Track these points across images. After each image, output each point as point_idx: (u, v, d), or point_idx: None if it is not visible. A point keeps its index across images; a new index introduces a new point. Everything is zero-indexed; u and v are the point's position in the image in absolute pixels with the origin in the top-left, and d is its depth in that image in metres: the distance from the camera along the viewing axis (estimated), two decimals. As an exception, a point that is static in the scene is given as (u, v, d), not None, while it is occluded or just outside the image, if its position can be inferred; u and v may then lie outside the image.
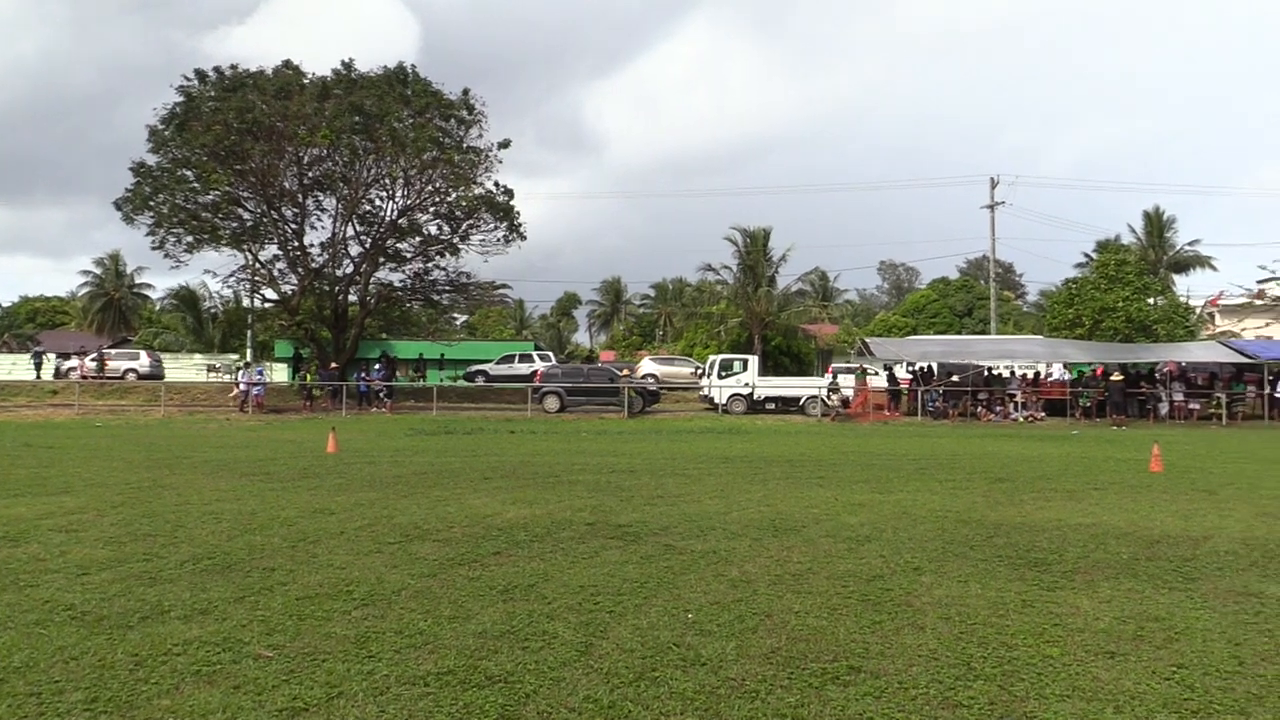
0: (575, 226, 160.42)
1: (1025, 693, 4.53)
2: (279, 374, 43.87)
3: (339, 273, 39.35)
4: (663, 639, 5.33)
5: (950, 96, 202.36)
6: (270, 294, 40.67)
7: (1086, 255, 55.59)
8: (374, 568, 7.10)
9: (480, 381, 41.98)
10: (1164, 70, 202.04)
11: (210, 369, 45.52)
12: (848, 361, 43.23)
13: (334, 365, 36.89)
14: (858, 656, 5.05)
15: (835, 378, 37.14)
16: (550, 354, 49.53)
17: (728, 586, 6.61)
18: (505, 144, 38.06)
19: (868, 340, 40.72)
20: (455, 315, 54.14)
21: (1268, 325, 52.13)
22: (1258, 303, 50.30)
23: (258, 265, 38.98)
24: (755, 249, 48.71)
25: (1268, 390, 32.96)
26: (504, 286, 67.87)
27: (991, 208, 49.01)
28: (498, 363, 43.23)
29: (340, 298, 39.45)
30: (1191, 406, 32.74)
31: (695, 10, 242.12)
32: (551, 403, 33.96)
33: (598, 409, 33.89)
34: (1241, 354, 34.01)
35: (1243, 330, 51.07)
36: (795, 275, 53.93)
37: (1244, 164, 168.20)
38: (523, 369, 41.22)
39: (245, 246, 37.68)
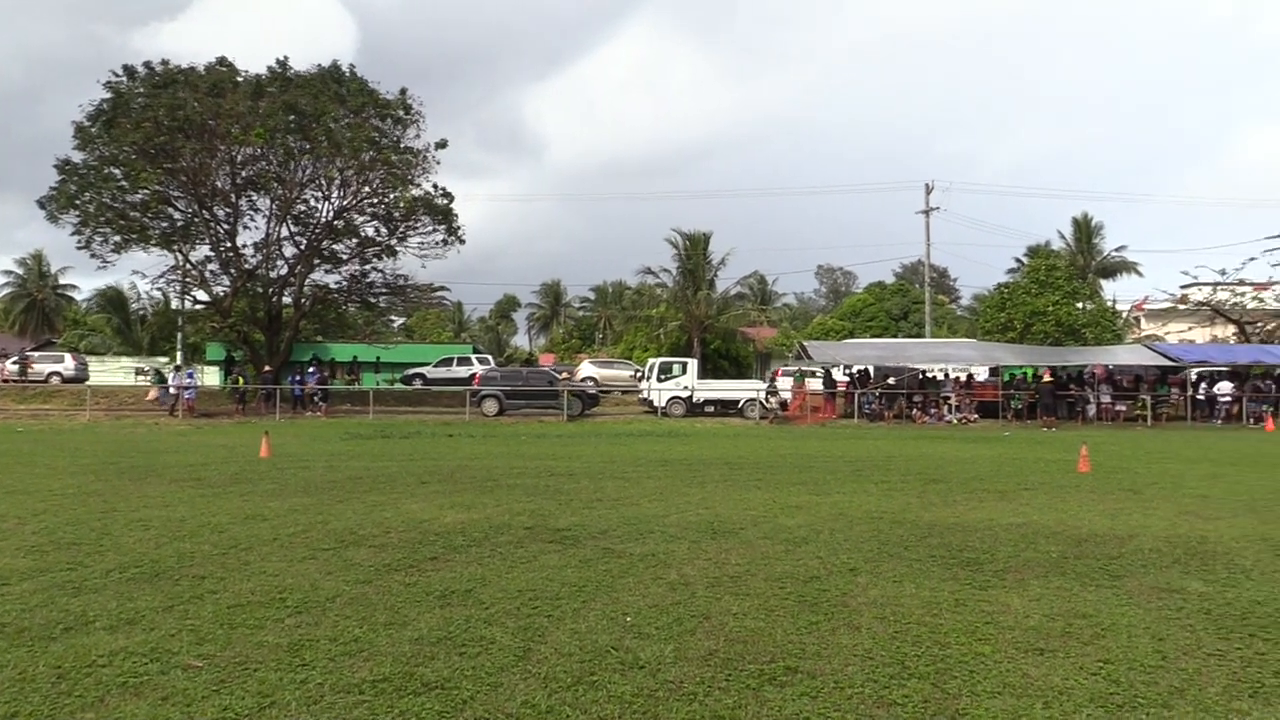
0: (515, 229, 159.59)
1: (958, 690, 4.62)
2: (210, 377, 42.95)
3: (273, 274, 38.64)
4: (601, 642, 5.32)
5: (887, 103, 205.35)
6: (201, 295, 39.78)
7: (1018, 260, 56.78)
8: (308, 574, 6.99)
9: (418, 385, 41.60)
10: (1092, 81, 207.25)
11: (139, 372, 44.40)
12: (786, 364, 43.61)
13: (268, 368, 36.24)
14: (794, 657, 5.10)
15: (775, 381, 37.44)
16: (489, 357, 49.29)
17: (666, 589, 6.62)
18: (442, 144, 37.72)
19: (805, 343, 41.10)
20: (392, 318, 53.54)
21: (1190, 329, 53.68)
22: (1181, 307, 51.71)
23: (188, 266, 38.10)
24: (695, 252, 48.93)
25: (1190, 392, 33.95)
26: (442, 289, 67.18)
27: (927, 213, 49.75)
28: (435, 366, 42.87)
29: (274, 299, 38.76)
30: (1118, 408, 33.60)
31: (636, 13, 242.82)
32: (490, 406, 33.75)
33: (537, 412, 33.75)
34: (1166, 357, 35.00)
35: (1167, 334, 52.57)
36: (734, 279, 54.08)
37: (1167, 173, 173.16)
38: (461, 372, 40.93)
39: (175, 247, 36.82)
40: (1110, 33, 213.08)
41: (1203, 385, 34.06)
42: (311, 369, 36.90)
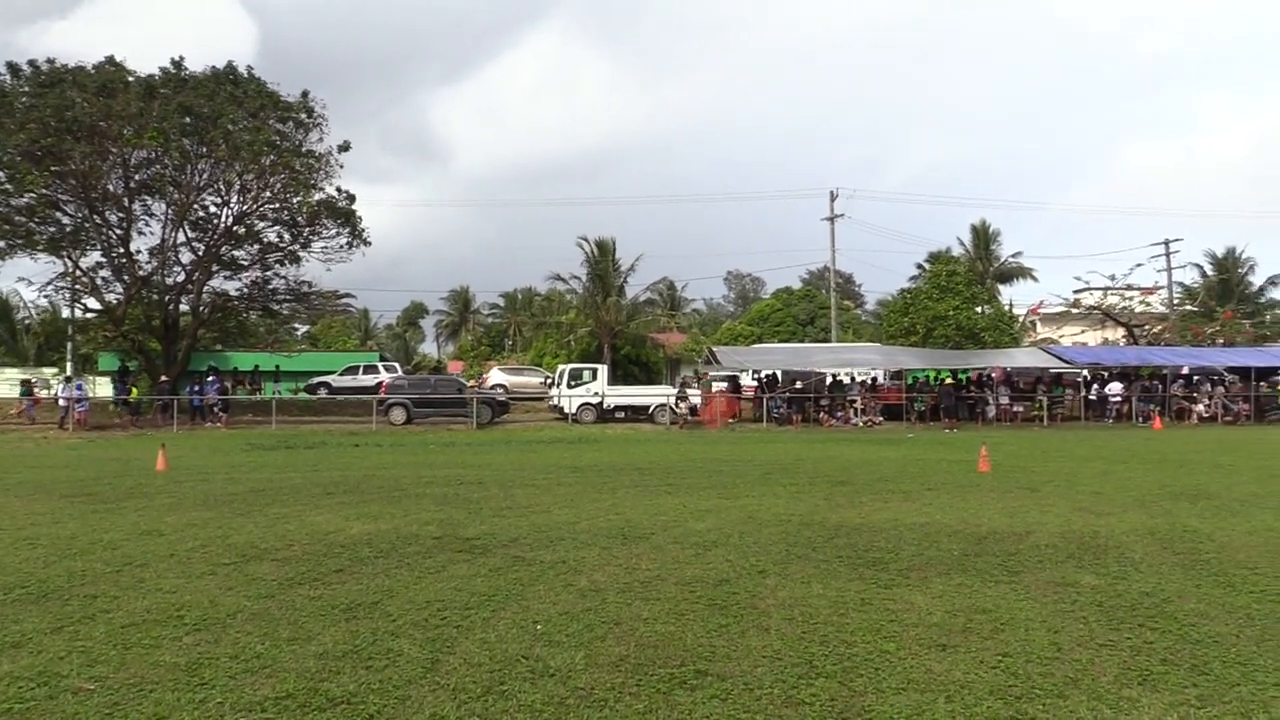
0: (422, 235, 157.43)
1: (864, 687, 4.70)
2: (103, 388, 41.35)
3: (169, 281, 37.43)
4: (511, 651, 5.28)
5: (792, 111, 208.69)
6: (93, 303, 38.28)
7: (920, 266, 58.11)
8: (207, 591, 6.78)
9: (322, 394, 40.75)
10: (988, 93, 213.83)
11: (25, 384, 42.52)
12: (696, 370, 43.96)
13: (164, 378, 35.08)
14: (704, 660, 5.13)
15: (684, 386, 37.67)
16: (396, 365, 48.56)
17: (577, 596, 6.60)
18: (345, 147, 37.07)
19: (714, 349, 41.50)
20: (296, 325, 52.34)
21: (1083, 332, 55.73)
22: (1074, 311, 53.68)
23: (79, 273, 36.66)
24: (604, 259, 48.96)
25: (1084, 393, 35.21)
26: (348, 296, 65.88)
27: (831, 220, 50.65)
28: (341, 374, 42.05)
29: (171, 307, 37.52)
30: (1016, 409, 34.65)
31: (544, 19, 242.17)
32: (398, 414, 33.24)
33: (446, 420, 33.37)
34: (1060, 359, 36.29)
35: (1061, 337, 54.38)
36: (644, 285, 54.17)
37: (1059, 182, 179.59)
38: (367, 380, 40.21)
39: (64, 253, 35.38)
40: (1004, 47, 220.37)
41: (1095, 386, 35.36)
42: (211, 378, 35.83)
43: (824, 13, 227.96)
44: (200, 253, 37.25)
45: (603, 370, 36.87)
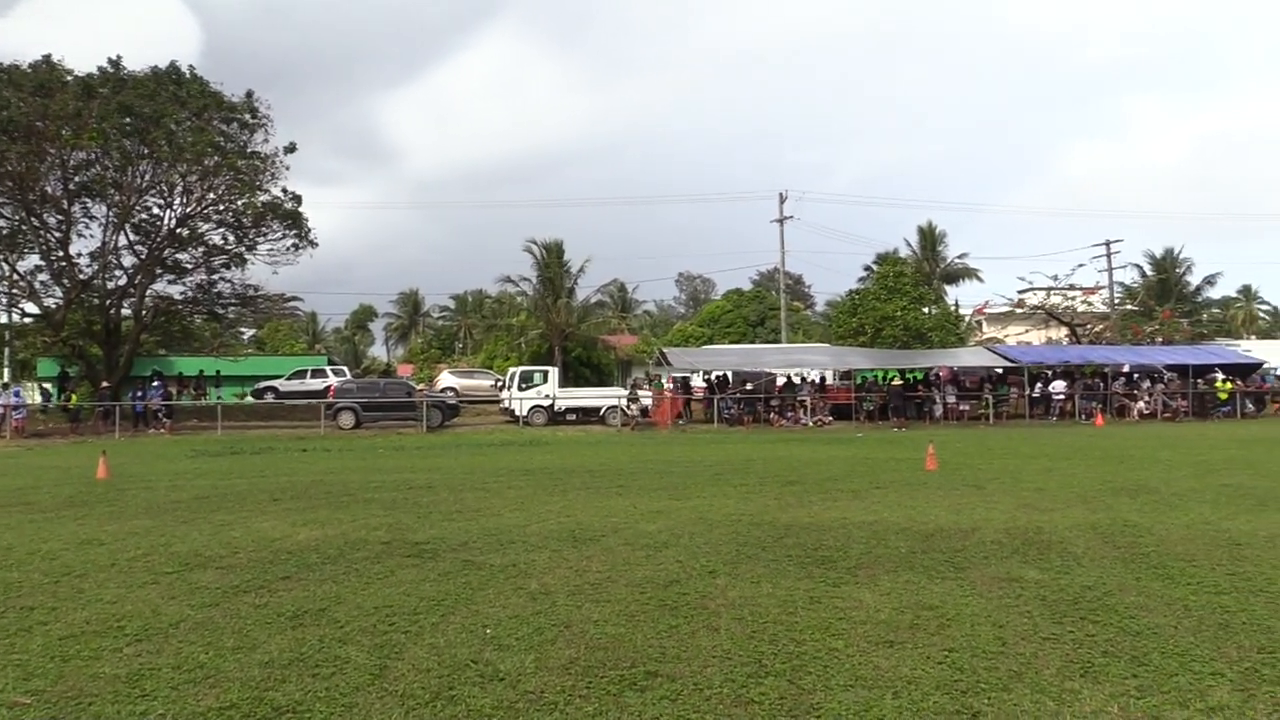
0: (371, 237, 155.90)
1: (812, 685, 4.73)
2: (32, 396, 40.35)
3: (110, 285, 36.69)
4: (460, 656, 5.25)
5: (742, 112, 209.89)
6: (31, 308, 37.38)
7: (868, 268, 58.71)
8: (149, 600, 6.65)
9: (270, 398, 40.24)
10: (934, 96, 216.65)
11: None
12: (648, 371, 44.03)
13: (106, 384, 34.35)
14: (655, 661, 5.13)
15: (635, 387, 37.71)
16: (345, 368, 48.09)
17: (527, 599, 6.58)
18: (291, 148, 36.60)
19: (665, 350, 41.60)
20: (242, 329, 51.62)
21: (1027, 331, 56.69)
22: (1018, 311, 54.61)
23: (15, 277, 35.83)
24: (554, 261, 48.85)
25: (1028, 391, 35.81)
26: (295, 299, 65.40)
27: (781, 221, 51.01)
28: (288, 378, 41.54)
29: (112, 312, 36.78)
30: (962, 408, 35.16)
31: (493, 21, 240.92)
32: (346, 419, 32.88)
33: (395, 424, 33.06)
34: (1005, 358, 36.89)
35: (1006, 336, 55.31)
36: (595, 287, 54.17)
37: (1004, 184, 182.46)
38: (315, 384, 39.79)
39: (1, 256, 34.59)
40: (950, 50, 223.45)
41: (1039, 384, 35.97)
42: (155, 384, 35.20)
43: (774, 16, 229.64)
44: (143, 256, 36.55)
45: (554, 372, 36.81)
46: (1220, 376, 35.85)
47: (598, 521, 10.18)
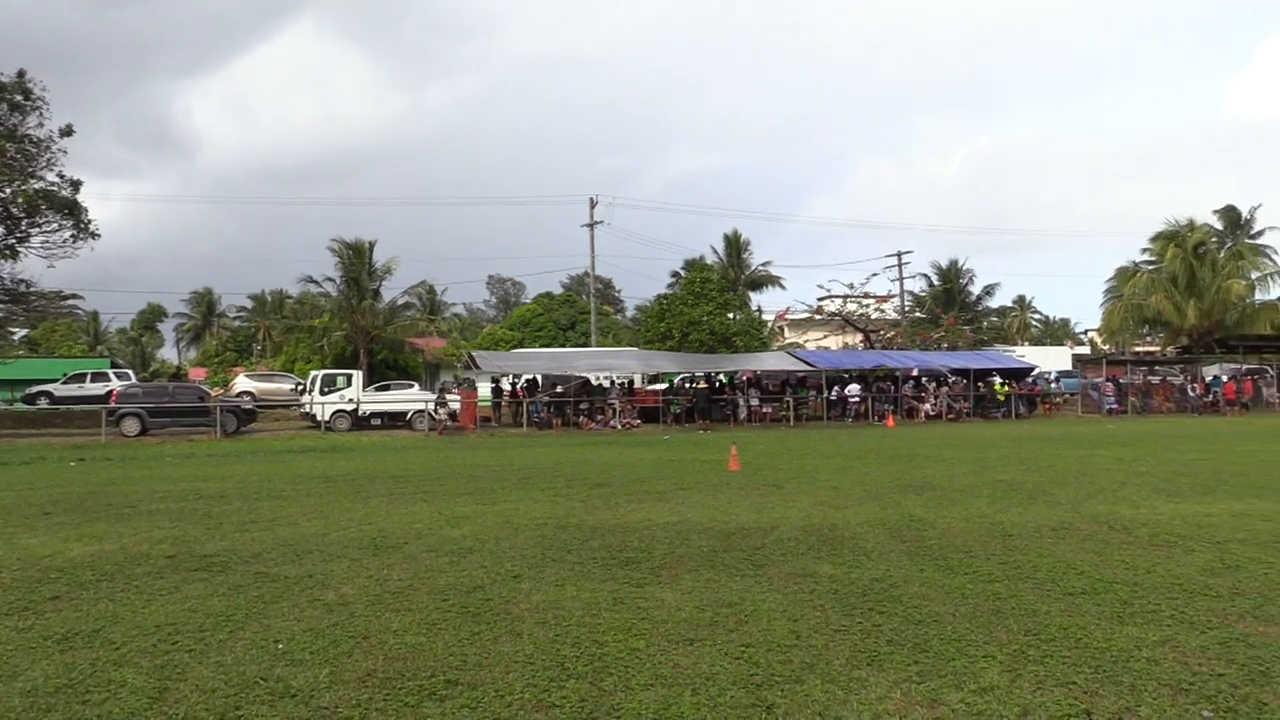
0: (162, 233, 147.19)
1: (613, 686, 4.76)
2: None
3: None
4: (249, 674, 5.00)
5: (553, 117, 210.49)
6: None
7: (675, 274, 59.80)
8: (-113, 626, 6.00)
9: (43, 404, 37.28)
10: (739, 109, 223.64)
11: None
12: (456, 375, 43.39)
13: None
14: (455, 669, 5.04)
15: (444, 391, 37.05)
16: (130, 372, 45.20)
17: (323, 611, 6.34)
18: (68, 131, 33.90)
19: (474, 354, 41.08)
20: (12, 329, 47.56)
21: (826, 337, 59.31)
22: (817, 317, 57.08)
23: None
24: (359, 260, 47.40)
25: (826, 394, 37.38)
26: (74, 297, 60.90)
27: (591, 226, 51.31)
28: (65, 382, 38.64)
29: None
30: (765, 410, 36.33)
31: (296, 14, 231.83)
32: (130, 425, 30.77)
33: (186, 431, 31.23)
34: (805, 363, 38.41)
35: (806, 342, 57.67)
36: (403, 288, 52.84)
37: (805, 196, 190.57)
38: (96, 389, 37.16)
39: None
40: (752, 65, 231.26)
41: (836, 388, 37.62)
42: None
43: (585, 23, 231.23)
44: (-107, 248, 33.13)
45: (358, 376, 35.71)
46: (998, 380, 38.63)
47: (400, 529, 9.93)
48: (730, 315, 45.22)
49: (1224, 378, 40.08)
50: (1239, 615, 5.99)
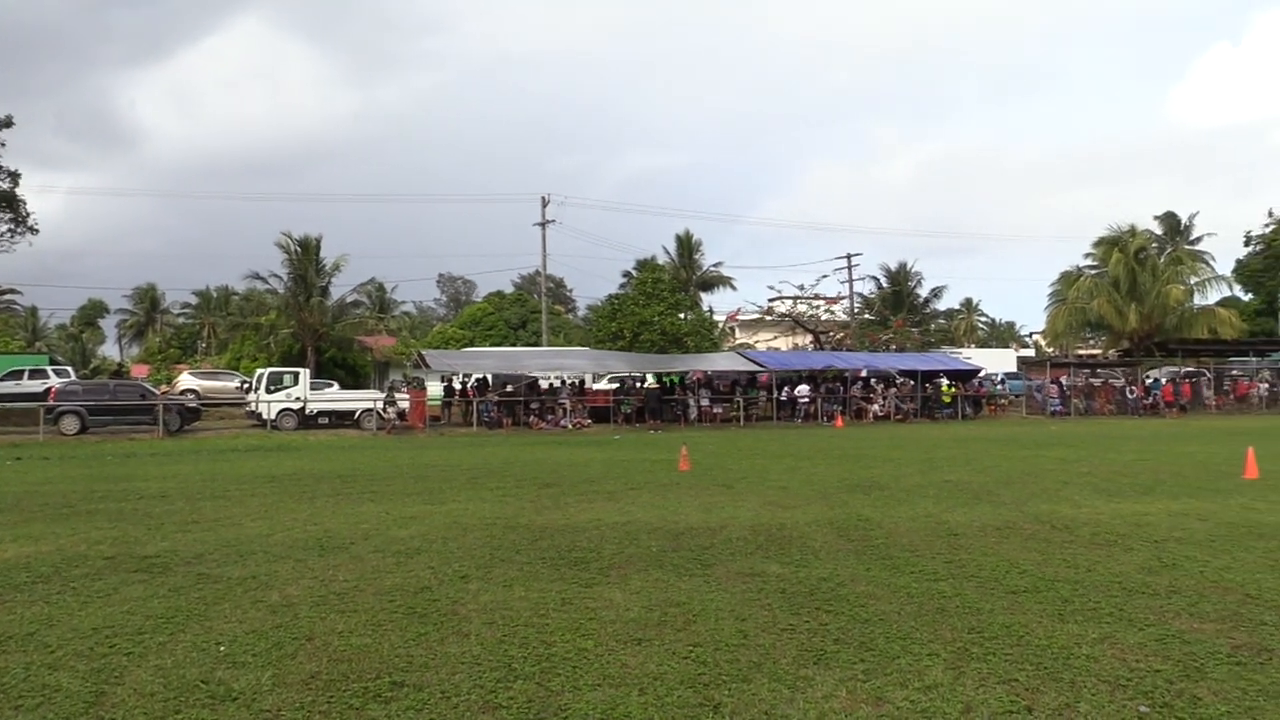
0: (104, 227, 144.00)
1: (561, 686, 4.74)
2: None
3: None
4: (190, 677, 4.91)
5: (504, 116, 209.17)
6: None
7: (627, 274, 59.80)
8: None
9: (-23, 402, 36.26)
10: (690, 111, 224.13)
11: None
12: (405, 374, 43.03)
13: None
14: (401, 671, 4.99)
15: (393, 390, 36.73)
16: (69, 368, 44.10)
17: (267, 612, 6.24)
18: (7, 122, 33.31)
19: (424, 352, 40.77)
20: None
21: (776, 338, 59.74)
22: (768, 318, 57.43)
23: None
24: (306, 258, 46.76)
25: (776, 395, 37.63)
26: (11, 291, 59.86)
27: (543, 225, 51.16)
28: (2, 379, 37.63)
29: None
30: (715, 410, 36.47)
31: (245, 7, 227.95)
32: (69, 423, 30.08)
33: (128, 429, 30.60)
34: (755, 363, 38.64)
35: (756, 342, 58.04)
36: (351, 285, 52.17)
37: (756, 198, 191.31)
38: (34, 386, 36.20)
39: None
40: (703, 66, 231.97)
41: (786, 388, 37.88)
42: None
43: (537, 21, 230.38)
44: None
45: (305, 374, 35.24)
46: (945, 382, 39.10)
47: (347, 529, 9.82)
48: (681, 315, 45.36)
49: (1163, 380, 40.97)
50: (1175, 612, 6.12)
